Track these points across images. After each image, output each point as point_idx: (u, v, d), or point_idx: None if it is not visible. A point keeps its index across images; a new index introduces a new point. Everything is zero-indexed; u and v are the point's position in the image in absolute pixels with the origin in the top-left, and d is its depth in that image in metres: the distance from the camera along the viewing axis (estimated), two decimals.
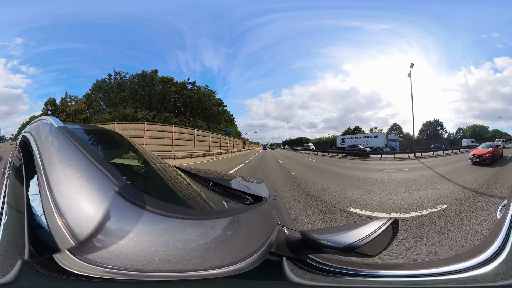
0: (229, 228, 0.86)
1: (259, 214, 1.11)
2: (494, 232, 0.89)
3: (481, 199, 5.07)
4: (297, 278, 0.79)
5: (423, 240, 2.99)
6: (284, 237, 0.96)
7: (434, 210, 4.34)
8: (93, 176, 0.80)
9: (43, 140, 1.03)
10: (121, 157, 1.55)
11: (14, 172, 1.38)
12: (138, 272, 0.64)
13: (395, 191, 6.17)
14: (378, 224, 0.78)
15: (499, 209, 1.20)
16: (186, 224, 0.78)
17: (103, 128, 1.78)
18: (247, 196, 1.46)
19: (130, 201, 0.75)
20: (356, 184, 7.50)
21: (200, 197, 1.35)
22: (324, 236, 0.82)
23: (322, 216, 4.11)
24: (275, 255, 0.82)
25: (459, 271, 0.78)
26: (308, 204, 4.89)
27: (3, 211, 0.96)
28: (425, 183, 7.30)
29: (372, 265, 0.98)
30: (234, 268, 0.69)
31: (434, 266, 0.86)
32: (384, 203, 4.99)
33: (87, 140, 1.21)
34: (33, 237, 0.77)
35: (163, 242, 0.69)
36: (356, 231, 0.77)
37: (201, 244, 0.73)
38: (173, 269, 0.66)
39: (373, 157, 21.68)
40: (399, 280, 0.86)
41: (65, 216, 0.68)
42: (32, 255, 0.71)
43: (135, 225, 0.69)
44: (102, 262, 0.63)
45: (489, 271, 0.75)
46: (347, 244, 0.73)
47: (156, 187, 1.34)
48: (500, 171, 9.20)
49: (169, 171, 1.57)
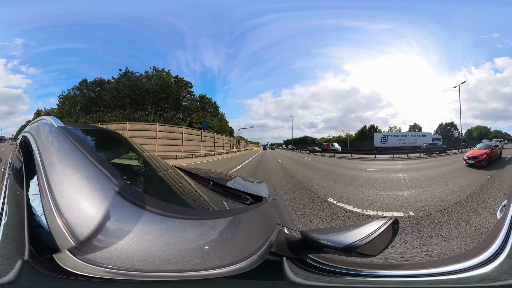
0: (229, 228, 0.86)
1: (259, 214, 1.11)
2: (494, 232, 0.89)
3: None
4: (297, 278, 0.79)
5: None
6: (284, 237, 0.96)
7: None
8: (93, 176, 0.80)
9: (43, 140, 1.03)
10: (121, 157, 1.55)
11: (14, 172, 1.38)
12: (139, 272, 0.64)
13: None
14: (378, 224, 0.78)
15: (499, 209, 1.20)
16: (187, 224, 0.78)
17: (103, 128, 1.78)
18: (247, 196, 1.46)
19: (130, 201, 0.75)
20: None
21: (201, 197, 1.35)
22: (324, 236, 0.82)
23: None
24: (275, 255, 0.82)
25: (459, 271, 0.78)
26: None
27: (3, 211, 0.96)
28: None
29: (372, 265, 0.98)
30: (235, 268, 0.69)
31: (434, 266, 0.86)
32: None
33: (87, 140, 1.21)
34: (33, 237, 0.77)
35: (163, 242, 0.69)
36: (356, 231, 0.77)
37: (201, 244, 0.73)
38: (174, 269, 0.66)
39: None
40: (399, 280, 0.86)
41: (65, 216, 0.68)
42: (32, 255, 0.71)
43: (135, 225, 0.69)
44: (102, 262, 0.63)
45: (490, 271, 0.75)
46: (347, 244, 0.73)
47: (156, 187, 1.34)
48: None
49: (169, 171, 1.57)
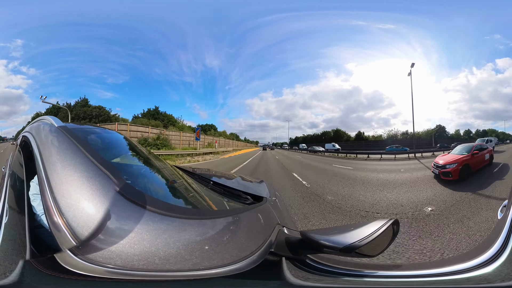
0: (229, 228, 0.86)
1: (259, 214, 1.11)
2: (495, 232, 0.88)
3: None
4: (296, 279, 0.79)
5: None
6: (284, 237, 0.96)
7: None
8: (94, 176, 0.80)
9: (43, 140, 1.04)
10: (122, 157, 1.55)
11: (15, 172, 1.38)
12: (139, 272, 0.64)
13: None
14: (378, 225, 0.77)
15: (499, 210, 1.20)
16: (186, 223, 0.78)
17: (104, 128, 1.78)
18: (247, 196, 1.46)
19: (131, 201, 0.75)
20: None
21: (200, 196, 1.35)
22: (324, 236, 0.82)
23: None
24: (274, 255, 0.82)
25: (459, 271, 0.78)
26: None
27: (3, 211, 0.96)
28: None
29: (372, 266, 0.98)
30: (234, 267, 0.70)
31: (434, 266, 0.86)
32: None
33: (88, 139, 1.21)
34: (34, 237, 0.78)
35: (164, 241, 0.69)
36: (356, 232, 0.77)
37: (201, 244, 0.73)
38: (174, 269, 0.66)
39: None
40: (398, 281, 0.86)
41: (66, 216, 0.68)
42: (34, 255, 0.71)
43: (135, 224, 0.69)
44: (103, 262, 0.63)
45: (490, 272, 0.75)
46: (346, 244, 0.73)
47: (156, 186, 1.34)
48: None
49: (169, 170, 1.58)
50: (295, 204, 4.93)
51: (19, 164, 1.32)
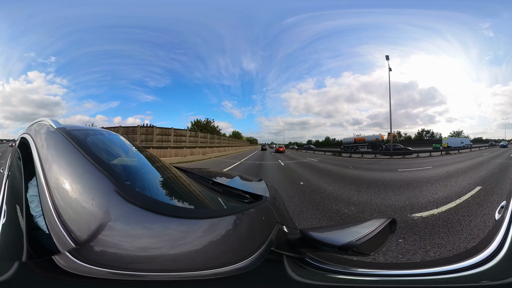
0: (229, 227, 0.86)
1: (259, 213, 1.11)
2: (492, 232, 0.89)
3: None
4: (297, 276, 0.80)
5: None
6: (284, 236, 0.96)
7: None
8: (93, 177, 0.80)
9: (42, 141, 1.03)
10: (121, 158, 1.55)
11: (13, 173, 1.38)
12: (139, 273, 0.64)
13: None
14: (376, 224, 0.78)
15: (497, 210, 1.21)
16: (186, 223, 0.78)
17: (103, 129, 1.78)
18: (247, 195, 1.46)
19: (130, 201, 0.75)
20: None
21: (200, 196, 1.35)
22: (322, 234, 0.83)
23: None
24: (275, 254, 0.83)
25: (455, 270, 0.79)
26: None
27: (1, 213, 0.95)
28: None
29: (370, 264, 0.99)
30: (235, 267, 0.70)
31: (431, 265, 0.86)
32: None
33: (86, 141, 1.21)
34: (32, 239, 0.78)
35: (163, 242, 0.69)
36: (354, 230, 0.78)
37: (201, 244, 0.73)
38: (174, 269, 0.66)
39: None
40: (396, 279, 0.87)
41: (64, 217, 0.68)
42: (31, 257, 0.71)
43: (135, 225, 0.69)
44: (102, 263, 0.63)
45: (486, 270, 0.75)
46: (344, 242, 0.74)
47: (156, 187, 1.34)
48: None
49: (169, 171, 1.58)
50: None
51: (17, 165, 1.31)
